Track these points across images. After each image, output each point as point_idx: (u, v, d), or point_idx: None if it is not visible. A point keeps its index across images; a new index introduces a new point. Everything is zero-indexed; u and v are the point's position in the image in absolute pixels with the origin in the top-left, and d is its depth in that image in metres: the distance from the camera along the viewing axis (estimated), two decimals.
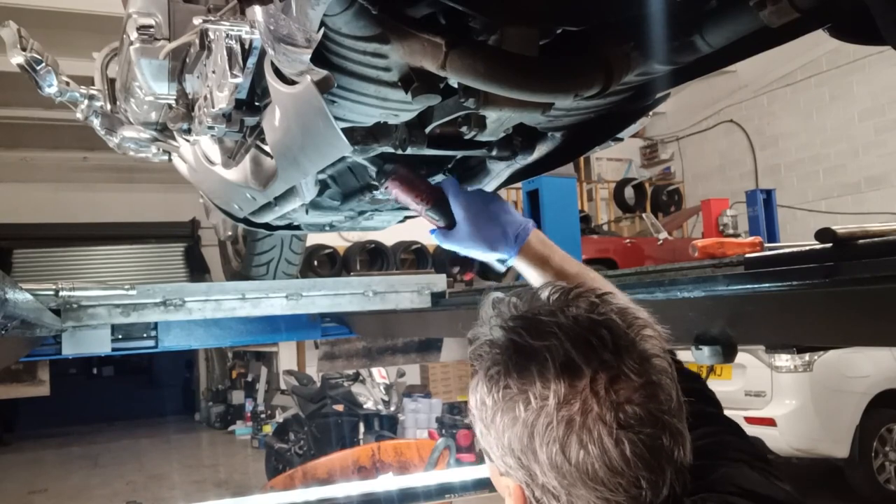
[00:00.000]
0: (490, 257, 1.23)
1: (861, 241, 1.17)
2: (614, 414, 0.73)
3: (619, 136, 1.61)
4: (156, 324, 2.62)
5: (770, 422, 5.37)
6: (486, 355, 0.82)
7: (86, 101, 2.43)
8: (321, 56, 1.14)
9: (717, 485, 0.87)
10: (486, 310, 0.86)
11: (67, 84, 2.36)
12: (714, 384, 5.61)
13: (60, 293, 2.28)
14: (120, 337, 2.55)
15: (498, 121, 1.45)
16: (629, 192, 12.70)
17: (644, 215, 11.21)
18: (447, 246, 1.25)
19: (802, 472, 6.40)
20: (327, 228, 2.39)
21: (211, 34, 1.41)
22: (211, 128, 1.58)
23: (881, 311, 1.10)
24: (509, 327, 0.81)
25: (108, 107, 2.42)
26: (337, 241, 9.64)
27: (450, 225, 1.24)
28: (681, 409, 0.79)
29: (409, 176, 1.30)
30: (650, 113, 1.61)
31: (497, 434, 0.79)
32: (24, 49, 2.16)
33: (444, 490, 2.80)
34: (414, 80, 1.20)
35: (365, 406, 7.77)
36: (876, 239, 1.16)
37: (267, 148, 1.65)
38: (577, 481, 0.74)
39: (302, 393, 7.69)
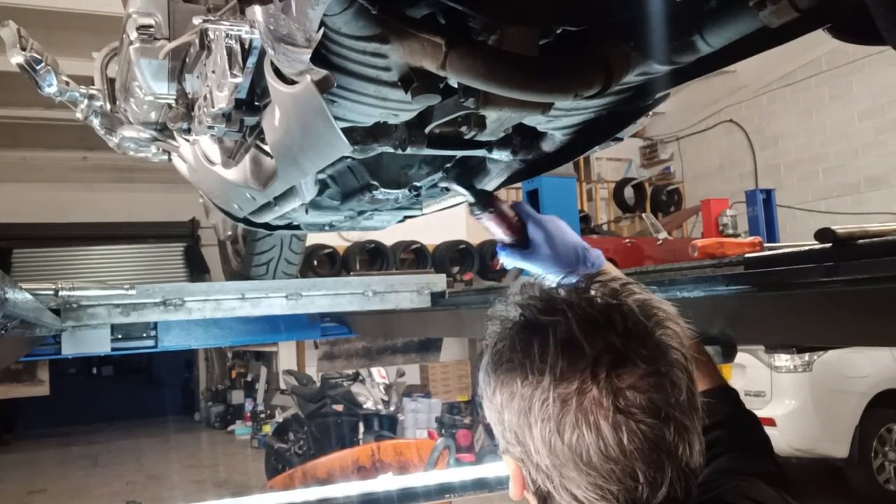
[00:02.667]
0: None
1: (861, 241, 1.17)
2: (613, 398, 0.71)
3: (619, 135, 1.61)
4: (155, 324, 2.62)
5: (770, 422, 5.37)
6: (496, 331, 0.81)
7: (85, 101, 2.43)
8: (321, 56, 1.14)
9: (727, 495, 0.85)
10: (512, 290, 0.84)
11: (67, 84, 2.36)
12: None
13: (60, 293, 2.28)
14: (119, 337, 2.55)
15: (498, 121, 1.45)
16: (629, 192, 12.70)
17: (644, 215, 11.21)
18: (521, 265, 1.24)
19: (802, 472, 6.40)
20: (327, 228, 2.39)
21: (211, 34, 1.41)
22: (211, 127, 1.58)
23: (881, 311, 1.10)
24: (524, 304, 0.80)
25: (108, 106, 2.42)
26: (337, 240, 9.63)
27: (524, 245, 1.24)
28: (692, 407, 0.75)
29: (503, 211, 1.30)
30: (650, 113, 1.61)
31: (497, 409, 0.79)
32: (23, 49, 2.16)
33: (443, 490, 2.80)
34: (414, 80, 1.20)
35: (364, 406, 7.77)
36: (876, 239, 1.16)
37: (267, 148, 1.65)
38: (569, 462, 0.72)
39: (301, 393, 7.69)
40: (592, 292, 0.79)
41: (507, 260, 1.27)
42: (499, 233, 1.28)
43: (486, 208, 1.28)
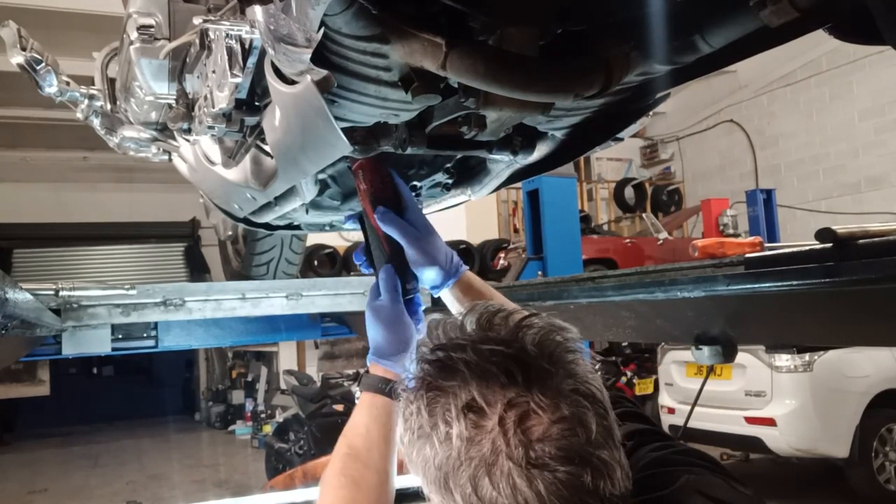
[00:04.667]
0: (428, 275, 1.29)
1: (861, 241, 1.17)
2: (524, 452, 0.71)
3: (620, 135, 1.61)
4: (156, 323, 2.62)
5: (770, 422, 5.37)
6: (403, 393, 0.82)
7: (86, 101, 2.43)
8: (321, 56, 1.14)
9: (680, 493, 0.85)
10: (423, 334, 0.87)
11: (67, 84, 2.36)
12: (714, 384, 5.63)
13: (60, 293, 2.28)
14: (120, 337, 2.55)
15: (498, 121, 1.45)
16: (629, 192, 12.71)
17: (644, 215, 11.22)
18: (395, 231, 1.29)
19: (802, 472, 6.40)
20: (327, 228, 2.39)
21: (211, 34, 1.41)
22: (211, 127, 1.58)
23: (881, 311, 1.10)
24: (424, 362, 0.81)
25: (108, 106, 2.42)
26: (337, 240, 9.64)
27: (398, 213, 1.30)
28: (609, 437, 0.76)
29: (379, 168, 1.35)
30: (650, 113, 1.61)
31: (415, 468, 0.80)
32: (24, 49, 2.16)
33: None
34: (414, 80, 1.20)
35: None
36: (876, 239, 1.16)
37: (267, 148, 1.65)
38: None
39: (302, 393, 7.70)
40: (488, 344, 0.78)
41: (383, 219, 1.31)
42: (363, 192, 1.34)
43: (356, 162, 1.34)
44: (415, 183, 1.85)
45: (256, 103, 1.52)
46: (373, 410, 1.13)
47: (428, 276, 1.31)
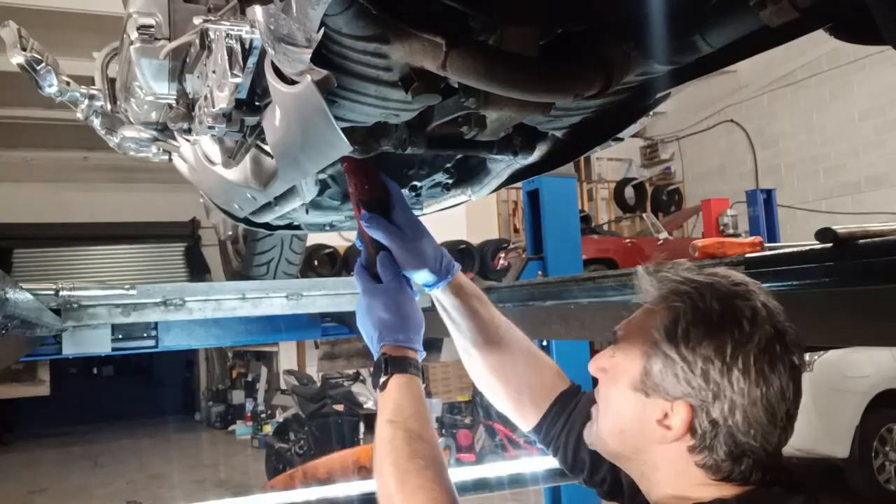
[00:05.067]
0: (419, 276, 1.30)
1: (861, 241, 1.17)
2: (792, 356, 0.91)
3: (620, 135, 1.61)
4: (156, 323, 2.62)
5: None
6: (695, 293, 0.93)
7: (86, 101, 2.43)
8: (321, 56, 1.14)
9: None
10: (665, 274, 0.99)
11: (68, 84, 2.36)
12: None
13: (61, 293, 2.28)
14: (120, 337, 2.55)
15: (498, 121, 1.45)
16: (629, 192, 12.72)
17: (644, 215, 11.22)
18: (382, 235, 1.28)
19: (802, 472, 6.39)
20: (327, 228, 2.38)
21: (211, 34, 1.41)
22: (211, 127, 1.58)
23: (881, 311, 1.10)
24: (700, 282, 0.95)
25: (109, 106, 2.42)
26: (337, 240, 9.64)
27: (385, 216, 1.30)
28: None
29: (365, 169, 1.35)
30: (650, 113, 1.61)
31: (690, 359, 0.90)
32: (24, 49, 2.16)
33: None
34: (414, 80, 1.20)
35: (365, 406, 7.77)
36: (876, 239, 1.16)
37: (267, 148, 1.65)
38: (760, 390, 0.88)
39: (302, 393, 7.70)
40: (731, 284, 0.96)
41: (368, 224, 1.30)
42: (353, 189, 1.34)
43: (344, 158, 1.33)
44: (415, 183, 1.85)
45: (256, 103, 1.52)
46: (413, 390, 1.14)
47: (419, 278, 1.31)
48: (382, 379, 1.14)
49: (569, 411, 1.28)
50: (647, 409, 0.94)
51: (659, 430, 0.93)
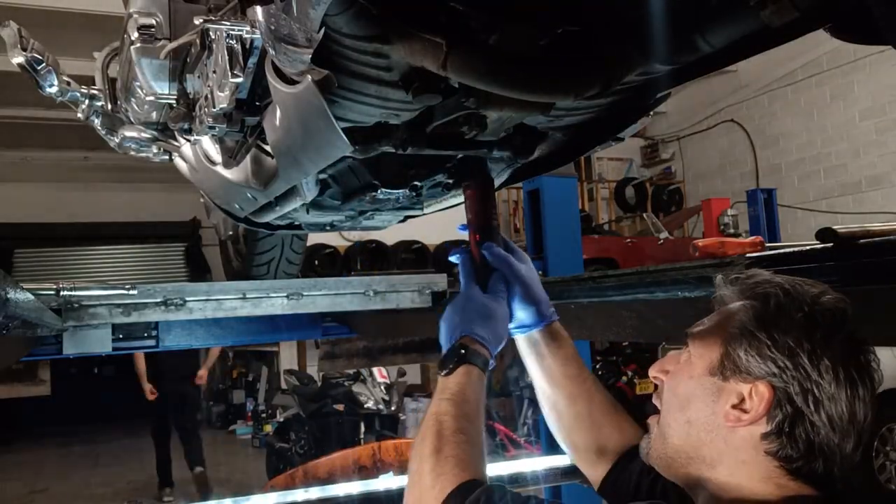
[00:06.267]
0: (522, 314, 1.28)
1: (862, 240, 1.17)
2: (871, 374, 0.89)
3: (620, 135, 1.61)
4: (157, 323, 2.62)
5: None
6: (779, 289, 0.93)
7: (86, 101, 2.43)
8: (322, 56, 1.14)
9: None
10: (744, 280, 0.99)
11: (68, 84, 2.36)
12: None
13: (61, 293, 2.28)
14: (121, 336, 2.55)
15: (498, 121, 1.45)
16: (630, 192, 12.71)
17: (645, 215, 11.21)
18: (497, 265, 1.29)
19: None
20: (328, 228, 2.39)
21: (212, 34, 1.42)
22: (212, 127, 1.58)
23: (881, 311, 1.10)
24: (799, 283, 0.95)
25: (109, 106, 2.43)
26: (338, 240, 9.64)
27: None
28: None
29: (488, 194, 1.36)
30: (651, 112, 1.61)
31: (780, 337, 0.88)
32: (24, 49, 2.16)
33: None
34: (415, 80, 1.20)
35: (366, 406, 7.77)
36: (877, 239, 1.16)
37: (268, 148, 1.65)
38: (843, 391, 0.86)
39: (303, 392, 7.70)
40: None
41: (493, 257, 1.30)
42: (473, 215, 1.34)
43: (470, 184, 1.34)
44: (415, 183, 1.85)
45: (257, 103, 1.53)
46: (478, 384, 1.13)
47: (526, 315, 1.29)
48: (453, 364, 1.13)
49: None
50: (722, 393, 0.91)
51: (733, 414, 0.89)
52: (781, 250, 1.43)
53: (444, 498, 0.97)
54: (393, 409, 8.08)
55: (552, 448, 2.61)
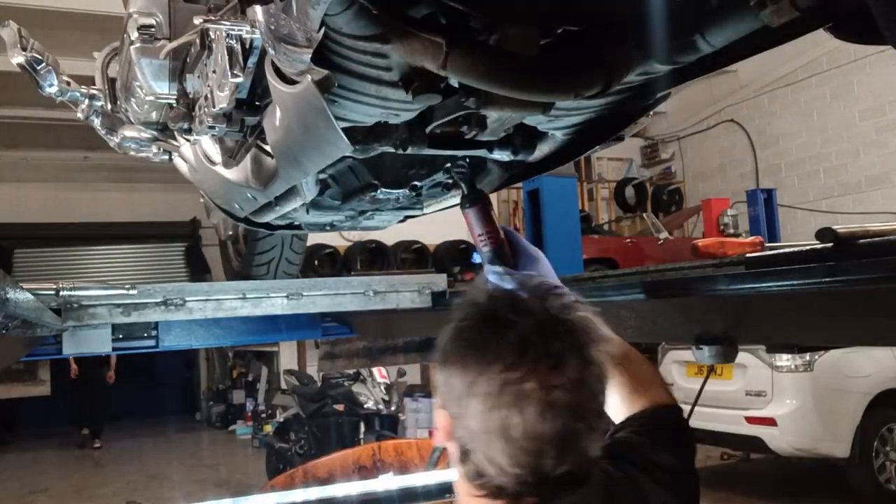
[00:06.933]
0: None
1: (862, 240, 1.17)
2: (545, 392, 0.87)
3: (620, 135, 1.61)
4: (156, 323, 2.62)
5: (770, 421, 5.37)
6: (463, 309, 0.96)
7: (86, 101, 2.43)
8: (322, 56, 1.14)
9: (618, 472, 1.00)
10: (482, 281, 1.02)
11: (68, 84, 2.36)
12: (715, 384, 5.62)
13: (61, 293, 2.28)
14: (120, 336, 2.55)
15: (498, 120, 1.45)
16: (630, 192, 12.70)
17: (645, 215, 11.21)
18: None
19: (803, 471, 6.40)
20: (328, 228, 2.39)
21: (211, 34, 1.41)
22: (212, 127, 1.58)
23: (881, 311, 1.10)
24: (493, 296, 0.96)
25: (109, 106, 2.42)
26: (338, 240, 9.63)
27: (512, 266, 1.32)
28: (601, 413, 0.95)
29: (489, 213, 1.38)
30: (651, 112, 1.61)
31: (448, 372, 0.93)
32: (24, 49, 2.16)
33: (444, 490, 2.79)
34: (414, 80, 1.20)
35: (365, 406, 7.77)
36: (877, 238, 1.16)
37: (268, 147, 1.65)
38: (496, 432, 0.87)
39: (302, 392, 7.69)
40: (551, 302, 0.94)
41: (494, 279, 1.29)
42: (476, 229, 1.35)
43: (475, 203, 1.33)
44: (415, 183, 1.85)
45: (257, 103, 1.53)
46: None
47: None
48: None
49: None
50: (436, 414, 0.99)
51: (439, 435, 0.97)
52: (781, 250, 1.43)
53: None
54: (393, 409, 8.08)
55: None
